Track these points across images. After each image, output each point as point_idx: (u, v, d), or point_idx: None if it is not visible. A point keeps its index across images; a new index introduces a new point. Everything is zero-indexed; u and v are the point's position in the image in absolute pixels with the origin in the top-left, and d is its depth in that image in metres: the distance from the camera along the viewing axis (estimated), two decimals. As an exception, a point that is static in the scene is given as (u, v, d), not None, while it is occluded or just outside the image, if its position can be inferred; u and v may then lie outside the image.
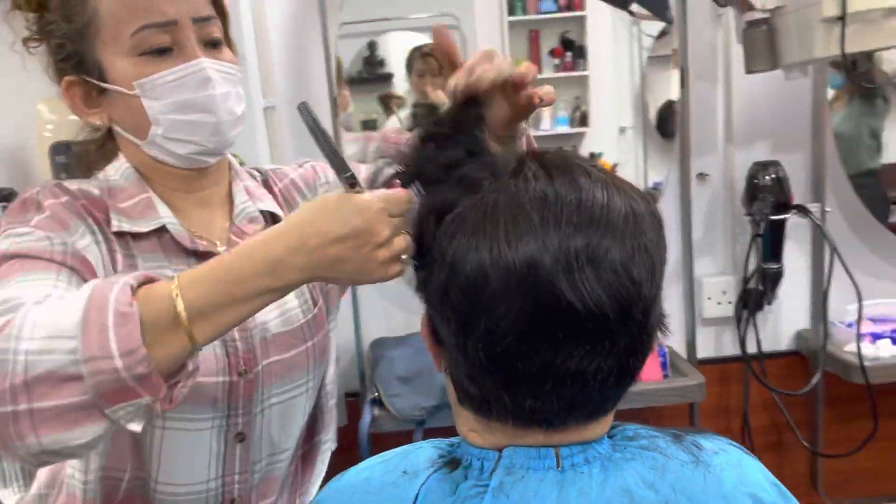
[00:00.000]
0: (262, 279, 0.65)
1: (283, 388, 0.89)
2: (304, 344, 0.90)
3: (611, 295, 0.55)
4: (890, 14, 1.33)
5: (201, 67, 0.81)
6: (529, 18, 1.79)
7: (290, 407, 0.91)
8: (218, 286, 0.65)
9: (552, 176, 0.59)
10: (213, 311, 0.64)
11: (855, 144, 1.77)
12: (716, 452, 0.67)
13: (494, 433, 0.64)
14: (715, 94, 1.74)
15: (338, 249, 0.65)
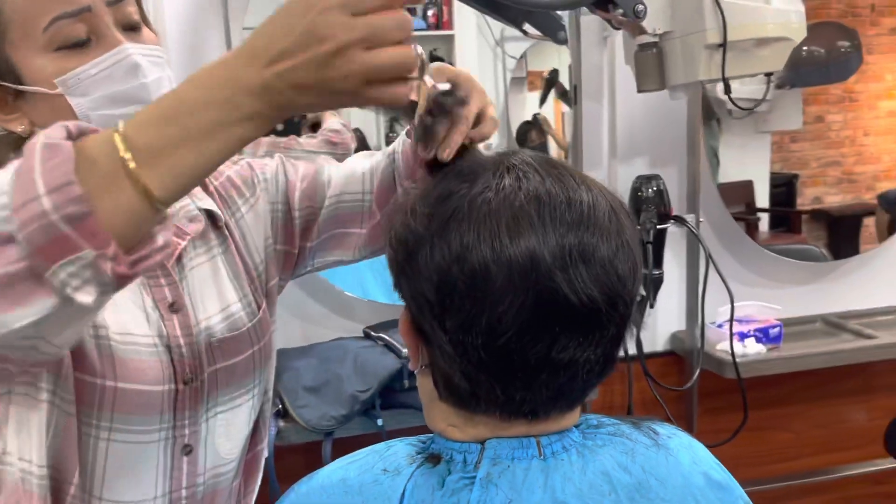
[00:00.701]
0: (217, 108, 0.53)
1: (230, 395, 0.87)
2: (250, 348, 0.88)
3: (601, 289, 0.60)
4: (760, 44, 1.48)
5: (127, 54, 0.76)
6: None
7: (237, 415, 0.88)
8: (167, 120, 0.54)
9: (542, 176, 0.62)
10: (164, 150, 0.53)
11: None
12: (670, 436, 0.73)
13: (477, 426, 0.66)
14: (601, 112, 1.85)
15: (287, 63, 0.52)
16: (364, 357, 1.55)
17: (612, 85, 1.83)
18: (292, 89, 0.53)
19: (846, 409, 2.15)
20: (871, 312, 2.16)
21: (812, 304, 2.11)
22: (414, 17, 1.83)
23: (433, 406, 0.69)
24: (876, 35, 2.06)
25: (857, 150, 2.11)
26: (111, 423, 0.76)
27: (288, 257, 0.97)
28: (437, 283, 0.60)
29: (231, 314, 0.87)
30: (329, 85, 0.53)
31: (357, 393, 1.49)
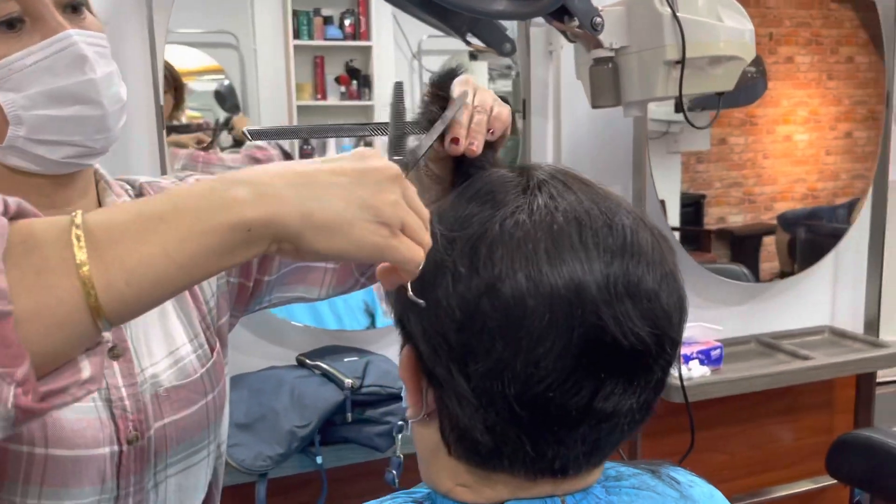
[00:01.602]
0: (218, 202, 0.43)
1: (182, 454, 0.73)
2: (203, 399, 0.75)
3: (648, 328, 0.51)
4: (713, 62, 1.46)
5: (71, 42, 0.62)
6: (315, 44, 1.75)
7: (190, 476, 0.75)
8: (138, 216, 0.43)
9: (576, 193, 0.54)
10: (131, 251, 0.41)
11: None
12: (691, 485, 0.66)
13: (495, 487, 0.56)
14: (546, 128, 1.80)
15: (329, 170, 0.47)
16: (301, 389, 1.41)
17: (557, 100, 1.78)
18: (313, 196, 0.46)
19: (777, 430, 2.17)
20: (802, 332, 2.20)
21: (745, 324, 2.13)
22: (330, 25, 1.75)
23: (436, 461, 0.59)
24: (774, 63, 2.13)
25: (756, 172, 2.17)
26: (39, 499, 0.61)
27: (242, 290, 0.84)
28: (460, 319, 0.50)
29: (180, 359, 0.74)
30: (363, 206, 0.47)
31: (295, 429, 1.35)
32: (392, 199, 0.48)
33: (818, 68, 2.18)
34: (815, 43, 2.15)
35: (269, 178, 0.46)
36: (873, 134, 2.24)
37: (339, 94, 1.81)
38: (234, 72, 1.68)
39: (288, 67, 1.68)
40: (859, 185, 2.25)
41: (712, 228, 2.15)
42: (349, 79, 1.81)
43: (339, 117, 1.81)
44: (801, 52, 2.14)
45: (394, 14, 1.79)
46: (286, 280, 0.88)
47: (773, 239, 2.23)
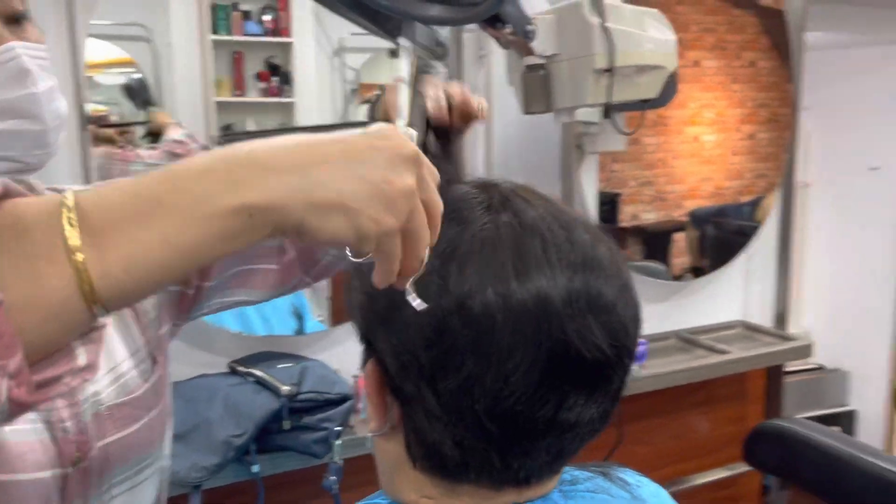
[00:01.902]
0: (219, 183, 0.41)
1: (127, 473, 0.70)
2: (147, 414, 0.72)
3: (608, 341, 0.53)
4: (639, 70, 1.51)
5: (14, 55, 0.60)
6: (234, 39, 1.71)
7: (136, 496, 0.72)
8: (134, 198, 0.41)
9: (536, 209, 0.55)
10: (126, 234, 0.39)
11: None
12: (639, 486, 0.68)
13: (461, 498, 0.57)
14: (477, 132, 1.82)
15: (339, 148, 0.44)
16: (236, 397, 1.39)
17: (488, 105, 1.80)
18: (329, 171, 0.43)
19: (695, 421, 2.27)
20: (717, 327, 2.30)
21: (665, 321, 2.21)
22: (249, 21, 1.72)
23: (400, 474, 0.59)
24: (682, 66, 2.18)
25: (667, 172, 2.24)
26: None
27: (183, 298, 0.82)
28: (431, 336, 0.51)
29: (121, 374, 0.71)
30: (385, 176, 0.44)
31: (231, 438, 1.32)
32: (406, 185, 0.45)
33: (723, 72, 2.26)
34: (720, 48, 2.24)
35: (273, 155, 0.43)
36: (775, 136, 2.34)
37: (260, 90, 1.78)
38: (148, 66, 1.63)
39: (205, 63, 1.64)
40: (761, 184, 2.36)
41: (627, 226, 2.21)
42: (269, 75, 1.77)
43: (259, 114, 1.78)
44: (707, 57, 2.22)
45: (314, 10, 1.77)
46: (228, 285, 0.86)
47: (684, 235, 2.32)
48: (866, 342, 2.91)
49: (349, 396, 1.45)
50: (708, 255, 2.35)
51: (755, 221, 2.36)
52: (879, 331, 2.85)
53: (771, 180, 2.35)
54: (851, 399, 3.01)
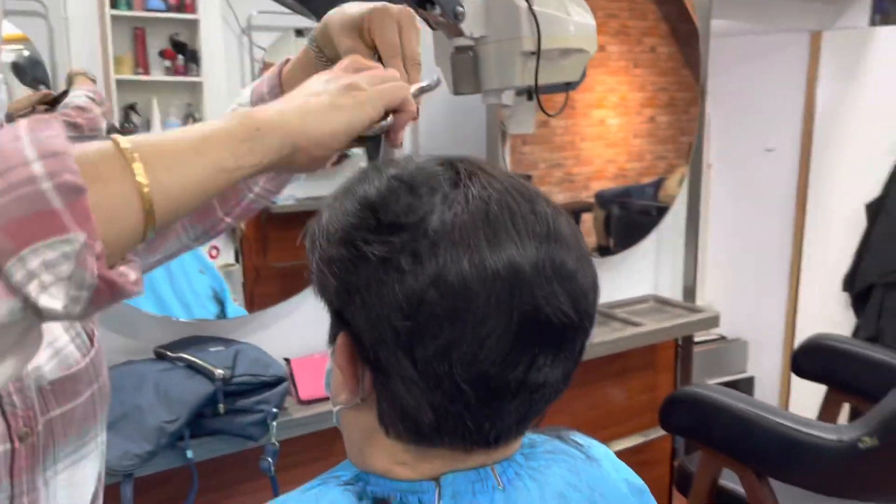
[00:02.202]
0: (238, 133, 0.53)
1: (71, 447, 0.71)
2: (88, 388, 0.73)
3: (572, 305, 0.56)
4: (563, 54, 1.56)
5: None
6: (135, 15, 1.65)
7: (78, 472, 0.73)
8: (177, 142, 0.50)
9: (502, 183, 0.58)
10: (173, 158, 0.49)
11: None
12: (590, 447, 0.73)
13: (433, 461, 0.60)
14: (402, 113, 1.83)
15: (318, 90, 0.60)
16: (167, 382, 1.36)
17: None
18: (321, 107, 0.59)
19: (611, 391, 2.37)
20: (631, 301, 2.41)
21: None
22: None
23: (371, 443, 0.61)
24: None
25: (575, 154, 2.30)
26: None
27: None
28: (408, 310, 0.53)
29: (60, 349, 0.71)
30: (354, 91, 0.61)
31: (164, 424, 1.30)
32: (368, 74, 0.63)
33: (626, 57, 2.33)
34: (623, 33, 2.30)
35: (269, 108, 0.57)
36: (673, 119, 2.44)
37: (164, 68, 1.72)
38: (42, 43, 1.55)
39: (104, 39, 1.56)
40: (661, 166, 2.46)
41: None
42: (175, 53, 1.72)
43: (164, 93, 1.73)
44: (611, 42, 2.28)
45: (221, -13, 1.72)
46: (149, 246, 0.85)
47: (591, 216, 2.40)
48: (763, 313, 3.12)
49: (284, 378, 1.45)
50: (613, 235, 2.45)
51: (658, 201, 2.47)
52: (775, 302, 3.05)
53: (670, 161, 2.46)
54: (750, 366, 3.21)
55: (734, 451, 1.68)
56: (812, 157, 2.84)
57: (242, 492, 1.56)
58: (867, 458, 1.49)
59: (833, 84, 2.77)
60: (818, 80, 2.78)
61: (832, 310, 2.85)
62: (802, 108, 2.84)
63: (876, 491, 1.58)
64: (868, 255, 2.64)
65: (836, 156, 2.79)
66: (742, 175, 3.13)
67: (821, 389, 2.15)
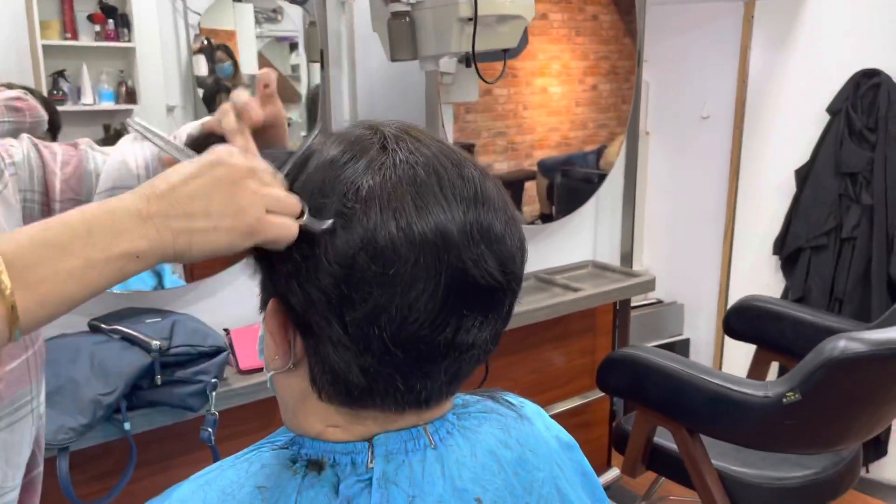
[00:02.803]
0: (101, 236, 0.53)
1: (6, 410, 0.73)
2: (24, 352, 0.75)
3: (499, 267, 0.58)
4: (500, 20, 1.56)
5: None
6: None
7: (15, 433, 0.74)
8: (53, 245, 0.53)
9: (429, 148, 0.58)
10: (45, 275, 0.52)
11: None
12: (522, 406, 0.75)
13: (365, 423, 0.61)
14: (341, 79, 1.81)
15: (194, 185, 0.55)
16: (102, 354, 1.34)
17: (351, 52, 1.79)
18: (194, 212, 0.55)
19: (551, 355, 2.42)
20: (571, 268, 2.46)
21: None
22: None
23: (304, 407, 0.62)
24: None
25: (518, 122, 2.32)
26: None
27: None
28: (338, 273, 0.53)
29: None
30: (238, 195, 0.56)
31: (100, 397, 1.28)
32: (249, 192, 0.56)
33: (568, 25, 2.34)
34: (565, 1, 2.31)
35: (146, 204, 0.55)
36: (614, 87, 2.47)
37: (94, 33, 1.66)
38: (-40, 6, 1.49)
39: (29, 2, 1.50)
40: (603, 134, 2.50)
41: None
42: (104, 17, 1.66)
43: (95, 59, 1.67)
44: (553, 10, 2.29)
45: (153, -52, 1.66)
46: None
47: (535, 184, 2.42)
48: (698, 277, 3.21)
49: (223, 348, 1.44)
50: (556, 202, 2.48)
51: (599, 169, 2.51)
52: (709, 266, 3.14)
53: (612, 130, 2.50)
54: (686, 329, 3.31)
55: (667, 409, 1.74)
56: (745, 125, 2.91)
57: (183, 463, 1.55)
58: (791, 412, 1.56)
59: (765, 52, 2.84)
60: (751, 48, 2.84)
61: (763, 273, 2.95)
62: (736, 77, 2.90)
63: (800, 443, 1.66)
64: (796, 220, 2.74)
65: (768, 123, 2.87)
66: (679, 142, 3.19)
67: (752, 349, 2.23)
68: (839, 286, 2.61)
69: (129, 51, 1.69)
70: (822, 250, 2.66)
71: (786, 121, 2.82)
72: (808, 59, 2.73)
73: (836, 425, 1.63)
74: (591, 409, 2.55)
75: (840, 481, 1.81)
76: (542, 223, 2.42)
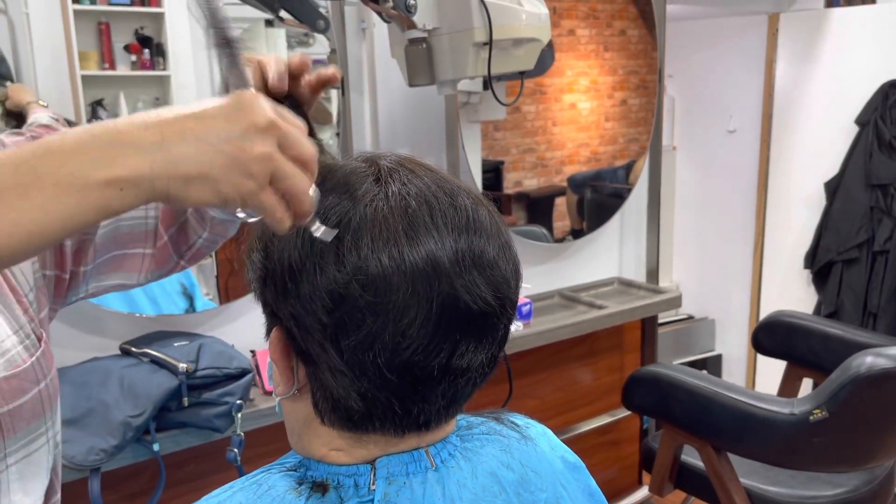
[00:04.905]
0: (89, 160, 0.47)
1: (21, 441, 0.74)
2: (36, 386, 0.76)
3: (493, 293, 0.59)
4: (516, 44, 1.58)
5: None
6: (98, 9, 1.64)
7: (31, 464, 0.76)
8: (15, 168, 0.46)
9: (422, 178, 0.60)
10: (3, 197, 0.46)
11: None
12: (528, 427, 0.76)
13: (367, 446, 0.63)
14: (362, 104, 1.85)
15: (196, 122, 0.49)
16: (131, 377, 1.38)
17: (372, 77, 1.83)
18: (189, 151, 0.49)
19: (578, 373, 2.42)
20: (596, 284, 2.45)
21: (549, 280, 2.34)
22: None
23: (309, 431, 0.64)
24: (558, 35, 2.27)
25: (547, 139, 2.33)
26: None
27: (59, 282, 0.84)
28: (331, 304, 0.55)
29: (6, 350, 0.74)
30: (238, 156, 0.50)
31: (129, 419, 1.32)
32: (260, 152, 0.50)
33: (596, 41, 2.35)
34: (592, 17, 2.32)
35: (137, 131, 0.49)
36: (644, 101, 2.46)
37: (130, 63, 1.72)
38: (4, 38, 1.55)
39: (68, 34, 1.56)
40: (634, 148, 2.50)
41: (511, 193, 2.28)
42: (140, 47, 1.72)
43: (132, 88, 1.73)
44: (580, 26, 2.30)
45: (184, -21, 1.72)
46: (102, 269, 0.88)
47: (564, 200, 2.42)
48: (729, 292, 3.17)
49: (248, 370, 1.47)
50: (587, 218, 2.48)
51: (629, 184, 2.50)
52: (740, 281, 3.11)
53: (642, 144, 2.49)
54: (717, 344, 3.28)
55: (693, 426, 1.73)
56: (772, 138, 2.89)
57: (211, 483, 1.57)
58: (819, 430, 1.54)
59: (791, 66, 2.82)
60: (776, 61, 2.83)
61: (795, 287, 2.91)
62: (762, 90, 2.88)
63: (829, 461, 1.64)
64: (827, 233, 2.70)
65: (795, 136, 2.85)
66: (706, 156, 3.17)
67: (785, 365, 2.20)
68: (872, 300, 2.56)
69: (165, 79, 1.74)
70: (853, 263, 2.62)
71: (813, 133, 2.79)
72: (835, 71, 2.70)
73: (866, 442, 1.61)
74: (620, 428, 2.53)
75: (873, 500, 1.77)
76: (574, 238, 2.43)
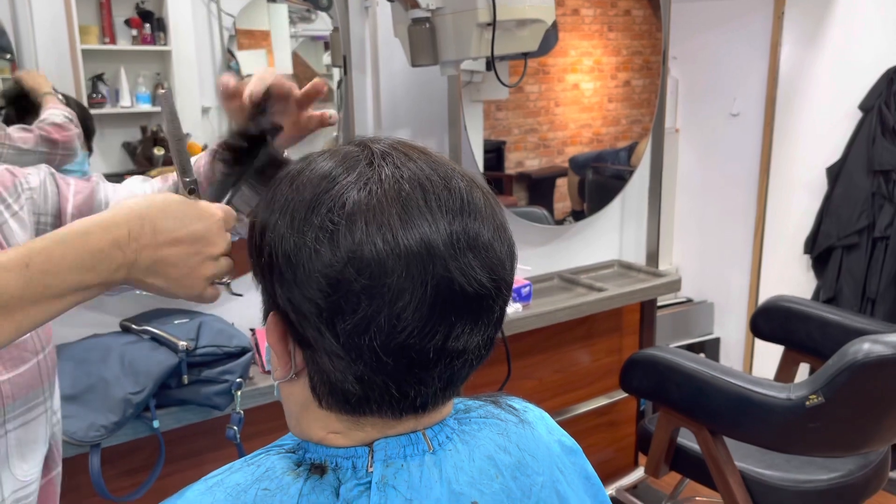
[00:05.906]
0: (78, 273, 0.61)
1: (19, 409, 0.77)
2: (35, 357, 0.80)
3: (488, 275, 0.59)
4: (520, 24, 1.57)
5: None
6: None
7: (29, 431, 0.79)
8: (27, 275, 0.59)
9: (416, 161, 0.60)
10: (16, 306, 0.59)
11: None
12: (525, 411, 0.76)
13: (364, 429, 0.63)
14: (364, 83, 1.84)
15: (169, 252, 0.64)
16: (132, 354, 1.38)
17: (374, 56, 1.82)
18: (157, 271, 0.66)
19: (577, 355, 2.43)
20: (596, 267, 2.46)
21: (548, 262, 2.34)
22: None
23: (307, 414, 0.64)
24: (562, 15, 2.25)
25: (549, 119, 2.31)
26: None
27: None
28: (327, 286, 0.56)
29: None
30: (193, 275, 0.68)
31: (129, 396, 1.33)
32: (211, 273, 0.69)
33: (600, 20, 2.32)
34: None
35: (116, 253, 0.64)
36: (648, 82, 2.45)
37: (131, 37, 1.71)
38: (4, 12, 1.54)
39: (69, 8, 1.55)
40: (637, 130, 2.48)
41: (512, 173, 2.27)
42: (141, 22, 1.71)
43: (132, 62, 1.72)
44: (585, 5, 2.28)
45: (188, -47, 1.70)
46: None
47: (566, 181, 2.42)
48: (728, 276, 3.18)
49: (248, 349, 1.48)
50: (588, 200, 2.47)
51: (631, 166, 2.49)
52: (739, 265, 3.11)
53: (645, 126, 2.47)
54: (716, 328, 3.28)
55: (689, 410, 1.74)
56: (775, 122, 2.87)
57: (211, 459, 1.60)
58: (814, 415, 1.55)
59: (795, 49, 2.80)
60: (781, 45, 2.80)
61: (794, 272, 2.91)
62: (766, 73, 2.86)
63: (824, 446, 1.65)
64: (828, 218, 2.69)
65: (798, 120, 2.83)
66: (709, 139, 3.16)
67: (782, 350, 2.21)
68: (871, 286, 2.57)
69: (166, 54, 1.74)
70: (853, 249, 2.62)
71: (817, 118, 2.78)
72: (840, 56, 2.68)
73: (862, 428, 1.62)
74: (618, 409, 2.55)
75: (867, 485, 1.79)
76: (574, 220, 2.42)
